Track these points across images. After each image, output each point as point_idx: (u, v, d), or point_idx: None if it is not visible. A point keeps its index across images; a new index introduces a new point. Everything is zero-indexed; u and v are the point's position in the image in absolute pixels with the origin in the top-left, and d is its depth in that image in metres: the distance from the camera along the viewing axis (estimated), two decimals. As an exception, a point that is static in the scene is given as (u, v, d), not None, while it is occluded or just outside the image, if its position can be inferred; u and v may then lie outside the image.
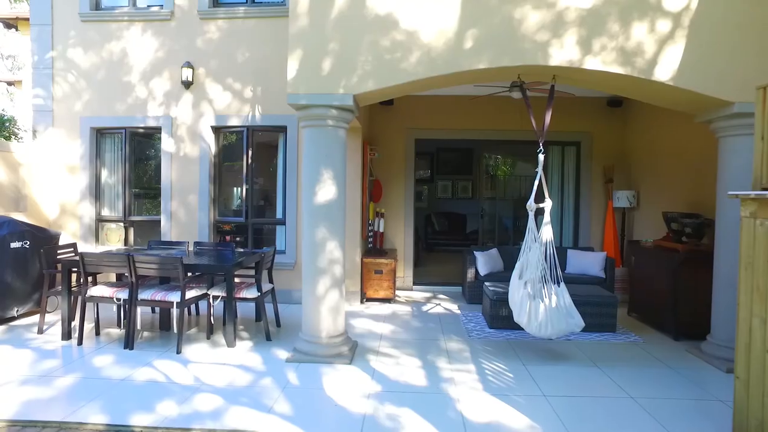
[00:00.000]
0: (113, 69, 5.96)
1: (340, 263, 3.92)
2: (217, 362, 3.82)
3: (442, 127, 6.75)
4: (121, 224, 6.15)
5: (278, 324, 4.81)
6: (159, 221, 6.01)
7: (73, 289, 4.41)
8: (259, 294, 4.35)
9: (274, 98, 5.75)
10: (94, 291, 4.24)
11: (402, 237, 6.71)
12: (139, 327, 4.29)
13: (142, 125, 5.95)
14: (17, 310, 4.83)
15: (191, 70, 5.79)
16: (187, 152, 5.89)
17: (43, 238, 5.10)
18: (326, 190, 3.82)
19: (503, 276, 5.84)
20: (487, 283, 5.27)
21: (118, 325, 4.72)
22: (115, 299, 4.17)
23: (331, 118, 3.80)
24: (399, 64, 3.74)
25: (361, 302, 5.85)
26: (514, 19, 3.70)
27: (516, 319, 3.94)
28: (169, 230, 5.92)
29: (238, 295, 4.29)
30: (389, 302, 5.92)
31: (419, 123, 6.71)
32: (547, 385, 3.46)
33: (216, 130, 5.93)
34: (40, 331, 4.49)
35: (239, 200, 5.98)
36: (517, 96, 5.47)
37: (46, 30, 5.96)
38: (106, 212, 6.18)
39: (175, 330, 4.12)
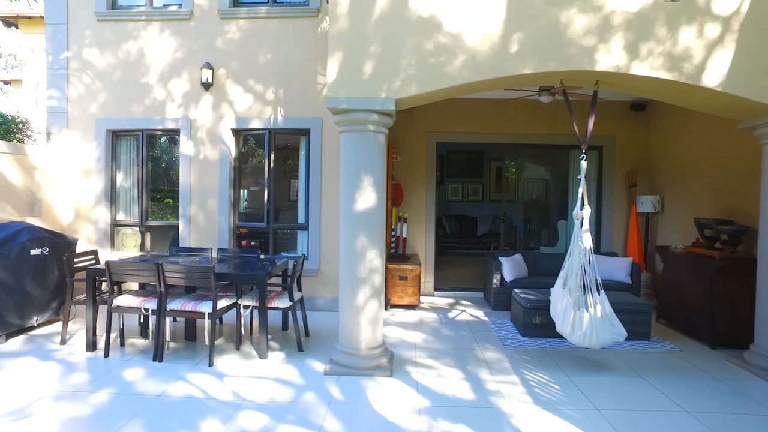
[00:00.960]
0: (130, 69, 5.80)
1: (379, 272, 3.82)
2: (252, 375, 3.69)
3: (463, 130, 6.66)
4: (137, 229, 5.99)
5: (307, 333, 4.69)
6: (177, 226, 5.86)
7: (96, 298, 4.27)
8: (292, 303, 4.23)
9: (297, 100, 5.63)
10: (121, 301, 4.10)
11: (423, 242, 6.61)
12: (169, 339, 4.15)
13: (159, 127, 5.80)
14: (36, 319, 4.66)
15: (211, 71, 5.65)
16: (206, 155, 5.75)
17: (61, 245, 4.94)
18: (366, 198, 3.71)
19: (529, 282, 5.77)
20: (516, 290, 5.19)
21: (141, 335, 4.58)
22: (142, 309, 4.03)
23: (372, 123, 3.69)
24: (443, 68, 3.64)
25: (386, 309, 5.75)
26: (560, 23, 3.61)
27: (558, 329, 3.86)
28: (187, 235, 5.77)
29: (269, 305, 4.17)
30: (414, 309, 5.82)
31: (440, 126, 6.62)
32: (597, 397, 3.38)
33: (236, 132, 5.79)
34: (63, 342, 4.34)
35: (260, 205, 5.84)
36: (545, 100, 5.41)
37: (61, 29, 5.79)
38: (121, 217, 6.02)
39: (207, 342, 3.99)
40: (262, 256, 4.97)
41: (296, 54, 5.62)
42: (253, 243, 6.20)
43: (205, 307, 3.89)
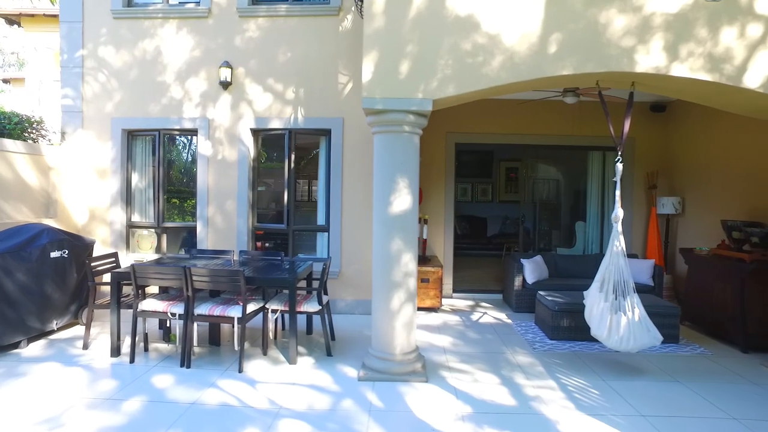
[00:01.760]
0: (146, 68, 5.69)
1: (414, 276, 3.75)
2: (285, 382, 3.61)
3: (481, 131, 6.60)
4: (153, 231, 5.89)
5: (333, 337, 4.61)
6: (194, 228, 5.77)
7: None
8: (321, 307, 4.15)
9: (318, 100, 5.54)
10: (146, 305, 4.00)
11: (442, 243, 6.55)
12: (195, 344, 4.06)
13: (177, 127, 5.69)
14: (56, 323, 4.56)
15: (230, 69, 5.55)
16: (225, 155, 5.65)
17: (80, 247, 4.84)
18: (402, 200, 3.64)
19: (551, 284, 5.73)
20: (541, 293, 5.14)
21: (164, 340, 4.49)
22: (169, 314, 3.94)
23: (408, 124, 3.62)
24: (481, 69, 3.57)
25: (407, 311, 5.67)
26: (599, 23, 3.55)
27: (594, 332, 3.81)
28: (205, 237, 5.67)
29: (298, 309, 4.09)
30: (435, 311, 5.76)
31: (459, 127, 6.55)
32: (639, 402, 3.33)
33: (255, 132, 5.70)
34: (85, 347, 4.24)
35: (280, 206, 5.75)
36: (570, 101, 5.37)
37: (76, 27, 5.67)
38: (137, 218, 5.91)
39: (235, 347, 3.90)
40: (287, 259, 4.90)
41: (317, 53, 5.54)
42: (267, 244, 6.12)
43: (235, 312, 3.81)
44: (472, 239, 10.37)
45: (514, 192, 10.97)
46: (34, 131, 5.53)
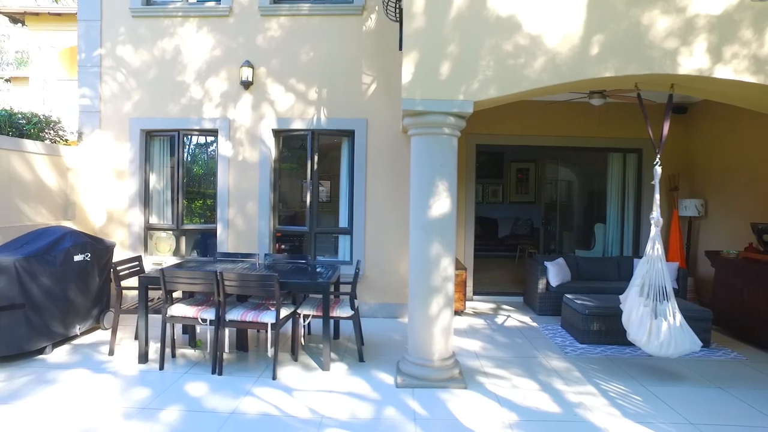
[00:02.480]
0: (166, 67, 5.59)
1: (452, 281, 3.68)
2: (322, 389, 3.54)
3: (501, 132, 6.54)
4: (171, 233, 5.79)
5: (362, 342, 4.54)
6: (214, 230, 5.67)
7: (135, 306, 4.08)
8: (354, 312, 4.08)
9: (341, 100, 5.47)
10: (175, 310, 3.91)
11: (462, 246, 6.48)
12: (227, 350, 3.97)
13: (196, 127, 5.60)
14: (79, 328, 4.46)
15: (251, 69, 5.46)
16: (245, 156, 5.56)
17: (101, 250, 4.74)
18: (441, 203, 3.58)
19: (575, 287, 5.67)
20: (569, 296, 5.09)
21: (190, 345, 4.40)
22: (199, 320, 3.85)
23: (448, 126, 3.56)
24: (522, 71, 3.51)
25: (431, 315, 5.61)
26: (642, 24, 3.50)
27: (632, 337, 3.75)
28: (225, 240, 5.58)
29: (331, 314, 4.01)
30: (459, 315, 5.70)
31: (480, 128, 6.47)
32: (685, 409, 3.28)
33: (277, 133, 5.61)
34: (111, 353, 4.14)
35: (302, 208, 5.67)
36: (597, 103, 5.33)
37: (94, 26, 5.56)
38: (155, 220, 5.81)
39: (270, 353, 3.81)
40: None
41: (340, 53, 5.46)
42: (283, 247, 6.05)
43: (269, 318, 3.72)
44: (484, 240, 10.30)
45: (525, 193, 10.93)
46: (51, 131, 5.42)
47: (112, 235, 5.65)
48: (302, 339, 4.19)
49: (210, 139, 5.80)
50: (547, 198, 9.36)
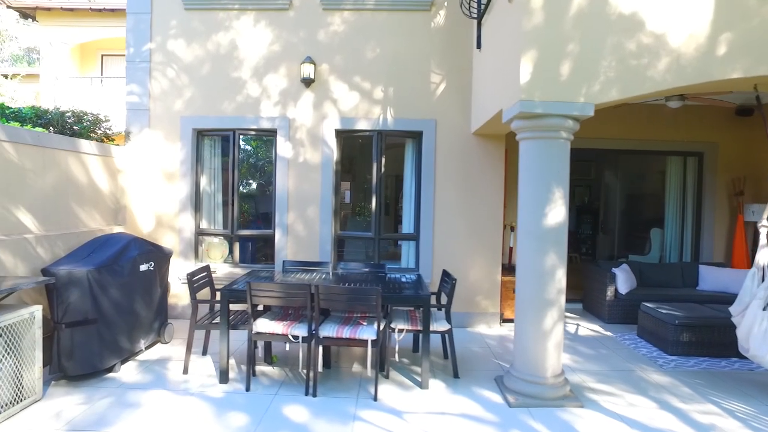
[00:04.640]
0: (220, 63, 5.27)
1: (564, 293, 3.46)
2: (431, 411, 3.29)
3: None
4: (224, 239, 5.48)
5: (446, 356, 4.31)
6: (270, 236, 5.37)
7: (200, 321, 3.79)
8: (450, 326, 3.84)
9: (408, 100, 5.21)
10: (261, 326, 3.62)
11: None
12: (320, 369, 3.68)
13: (253, 127, 5.29)
14: (143, 343, 4.15)
15: (313, 66, 5.17)
16: (306, 158, 5.28)
17: (162, 258, 4.43)
18: (557, 212, 3.35)
19: (644, 295, 5.51)
20: (649, 305, 4.91)
21: (266, 362, 4.12)
22: (290, 337, 3.57)
23: (566, 129, 3.33)
24: (645, 71, 3.30)
25: (500, 324, 5.40)
26: (772, 22, 3.31)
27: (753, 353, 3.56)
28: (284, 246, 5.29)
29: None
30: (528, 323, 5.49)
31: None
32: (822, 431, 3.12)
33: (340, 133, 5.33)
34: (186, 371, 3.84)
35: (366, 212, 5.40)
36: (674, 105, 5.15)
37: (144, 19, 5.21)
38: (207, 225, 5.49)
39: (369, 372, 3.56)
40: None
41: (407, 50, 5.20)
42: (343, 251, 5.78)
43: (368, 334, 3.46)
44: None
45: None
46: (98, 130, 5.06)
47: (161, 240, 5.32)
48: (397, 356, 3.93)
49: (268, 139, 5.49)
50: (604, 201, 9.11)
